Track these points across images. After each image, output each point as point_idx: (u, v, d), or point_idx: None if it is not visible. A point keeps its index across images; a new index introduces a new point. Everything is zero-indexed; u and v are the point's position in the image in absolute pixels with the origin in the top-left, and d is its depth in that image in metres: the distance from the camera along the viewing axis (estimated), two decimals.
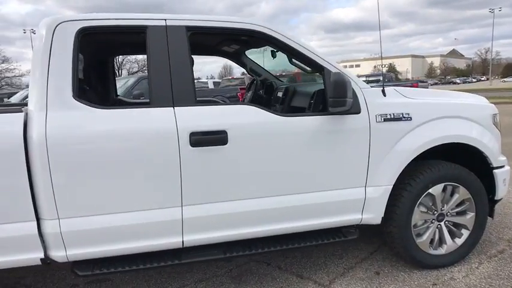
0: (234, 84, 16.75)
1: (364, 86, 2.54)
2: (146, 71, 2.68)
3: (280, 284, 2.70)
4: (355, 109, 2.44)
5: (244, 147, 2.28)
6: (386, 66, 76.54)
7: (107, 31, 2.30)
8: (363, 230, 2.73)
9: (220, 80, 18.85)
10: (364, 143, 2.47)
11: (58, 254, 2.11)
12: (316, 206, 2.46)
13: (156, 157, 2.16)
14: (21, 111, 2.07)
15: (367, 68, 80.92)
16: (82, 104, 2.10)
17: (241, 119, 2.30)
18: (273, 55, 3.50)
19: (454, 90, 4.59)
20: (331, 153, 2.43)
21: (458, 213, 2.80)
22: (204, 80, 19.84)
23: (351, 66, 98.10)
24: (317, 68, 2.50)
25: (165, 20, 2.29)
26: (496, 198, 2.87)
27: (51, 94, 2.05)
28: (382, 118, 2.49)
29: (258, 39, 2.51)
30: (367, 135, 2.46)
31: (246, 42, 3.36)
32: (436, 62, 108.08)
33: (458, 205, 2.78)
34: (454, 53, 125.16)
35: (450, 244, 2.78)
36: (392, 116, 2.51)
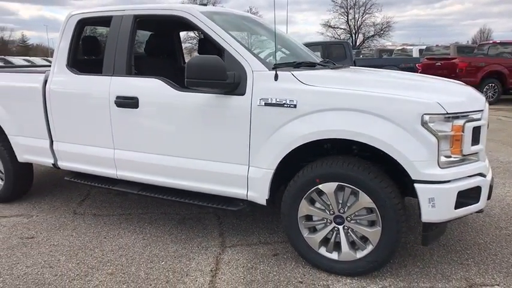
0: (440, 53, 15.34)
1: (259, 69, 2.55)
2: None
3: (199, 234, 3.17)
4: (239, 91, 2.56)
5: (150, 112, 2.89)
6: None
7: (96, 21, 3.31)
8: None
9: (430, 46, 17.00)
10: (246, 124, 2.56)
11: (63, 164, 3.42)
12: (207, 173, 2.78)
13: (99, 111, 3.08)
14: (44, 73, 3.40)
15: None
16: (69, 71, 3.24)
17: (148, 89, 2.88)
18: None
19: None
20: (217, 129, 2.67)
21: (369, 223, 2.43)
22: (409, 48, 18.23)
23: None
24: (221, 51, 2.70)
25: (124, 10, 3.07)
26: (422, 220, 2.27)
27: (55, 64, 3.29)
28: (264, 102, 2.48)
29: (184, 23, 2.90)
30: (248, 117, 2.54)
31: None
32: None
33: (369, 213, 2.41)
34: None
35: (346, 252, 2.48)
36: (274, 101, 2.45)
